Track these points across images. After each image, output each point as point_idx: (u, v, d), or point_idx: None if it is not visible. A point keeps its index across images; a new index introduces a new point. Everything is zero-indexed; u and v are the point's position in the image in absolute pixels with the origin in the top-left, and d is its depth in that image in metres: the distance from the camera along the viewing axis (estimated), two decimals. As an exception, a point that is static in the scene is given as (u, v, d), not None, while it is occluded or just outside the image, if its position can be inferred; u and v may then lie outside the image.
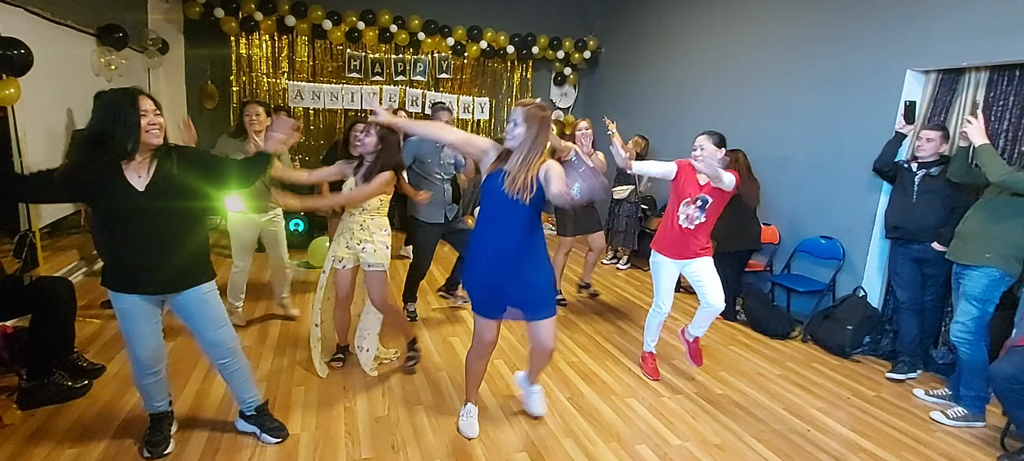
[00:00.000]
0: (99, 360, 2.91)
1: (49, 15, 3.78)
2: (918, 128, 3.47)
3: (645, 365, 3.25)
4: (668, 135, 5.82)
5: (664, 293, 3.08)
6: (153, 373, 2.16)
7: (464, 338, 3.59)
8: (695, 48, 5.57)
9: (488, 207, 2.26)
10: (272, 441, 2.34)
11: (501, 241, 2.22)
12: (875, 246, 3.78)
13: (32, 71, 3.23)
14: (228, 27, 5.99)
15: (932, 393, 3.12)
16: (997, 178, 2.65)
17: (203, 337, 2.19)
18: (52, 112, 3.84)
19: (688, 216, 2.94)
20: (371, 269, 2.79)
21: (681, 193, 2.97)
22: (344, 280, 2.88)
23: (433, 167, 3.59)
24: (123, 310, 2.04)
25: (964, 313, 2.82)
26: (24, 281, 2.95)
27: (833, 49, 4.06)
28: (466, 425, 2.52)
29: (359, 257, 2.81)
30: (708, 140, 2.91)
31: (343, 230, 2.84)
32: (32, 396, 2.50)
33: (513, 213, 2.16)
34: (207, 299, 2.15)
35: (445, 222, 3.67)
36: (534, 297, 2.28)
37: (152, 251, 1.99)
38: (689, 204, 2.94)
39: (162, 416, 2.27)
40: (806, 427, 2.76)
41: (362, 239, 2.78)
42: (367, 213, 2.79)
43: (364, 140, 2.71)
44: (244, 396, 2.34)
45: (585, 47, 7.38)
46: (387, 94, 6.75)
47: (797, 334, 3.97)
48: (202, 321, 2.16)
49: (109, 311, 3.66)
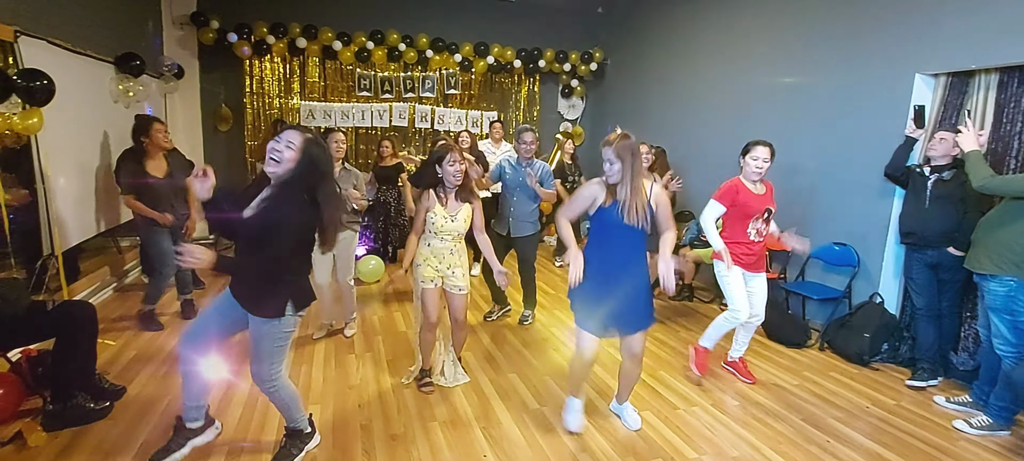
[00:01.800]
0: (119, 381, 2.96)
1: (70, 45, 3.91)
2: (929, 132, 3.45)
3: (698, 359, 3.24)
4: (676, 144, 5.81)
5: (741, 298, 3.07)
6: (188, 359, 2.16)
7: (477, 354, 3.60)
8: (702, 56, 5.59)
9: (601, 235, 2.45)
10: None
11: (612, 264, 2.41)
12: (890, 251, 3.75)
13: (53, 100, 3.33)
14: (240, 52, 6.12)
15: (953, 400, 3.07)
16: (977, 184, 2.71)
17: (251, 363, 2.22)
18: (74, 140, 3.95)
19: (757, 230, 3.02)
20: (460, 292, 2.91)
21: (746, 213, 3.01)
22: (433, 300, 2.91)
23: (510, 189, 3.94)
24: (217, 299, 2.23)
25: (995, 325, 2.76)
26: (47, 305, 3.02)
27: (841, 53, 4.06)
28: (571, 419, 2.70)
29: (446, 280, 2.89)
30: (767, 150, 3.01)
31: (431, 254, 2.88)
32: (56, 418, 2.54)
33: (626, 239, 2.39)
34: (260, 335, 2.14)
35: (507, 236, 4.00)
36: (636, 311, 2.48)
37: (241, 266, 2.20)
38: (757, 220, 3.00)
39: (185, 427, 2.31)
40: (825, 438, 2.72)
41: (452, 263, 2.88)
42: (457, 239, 2.87)
43: (458, 167, 2.81)
44: (287, 418, 2.38)
45: (591, 59, 7.43)
46: (396, 111, 6.84)
47: (813, 342, 3.93)
48: (253, 346, 2.17)
49: (129, 331, 3.73)
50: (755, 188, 3.02)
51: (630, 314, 2.47)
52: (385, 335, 3.87)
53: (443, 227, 2.83)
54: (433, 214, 2.83)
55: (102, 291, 4.49)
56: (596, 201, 2.42)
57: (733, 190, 3.02)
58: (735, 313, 3.09)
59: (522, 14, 7.25)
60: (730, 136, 4.99)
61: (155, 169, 3.74)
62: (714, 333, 3.21)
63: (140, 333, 3.74)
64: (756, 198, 3.00)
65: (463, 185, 2.87)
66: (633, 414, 2.79)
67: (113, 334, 3.68)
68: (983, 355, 2.99)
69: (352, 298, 3.79)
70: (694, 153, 5.54)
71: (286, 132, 2.03)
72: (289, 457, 2.35)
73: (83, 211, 4.05)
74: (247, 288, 2.13)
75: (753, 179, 3.02)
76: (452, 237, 2.86)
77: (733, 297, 3.09)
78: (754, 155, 2.99)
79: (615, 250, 2.41)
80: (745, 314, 3.08)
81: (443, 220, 2.82)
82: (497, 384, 3.17)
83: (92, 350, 2.73)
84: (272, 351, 2.18)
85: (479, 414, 2.83)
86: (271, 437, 2.55)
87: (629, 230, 2.36)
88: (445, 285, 2.92)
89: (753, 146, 3.03)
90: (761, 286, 3.16)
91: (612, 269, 2.41)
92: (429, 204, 2.84)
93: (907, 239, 3.31)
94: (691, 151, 5.58)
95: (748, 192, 3.01)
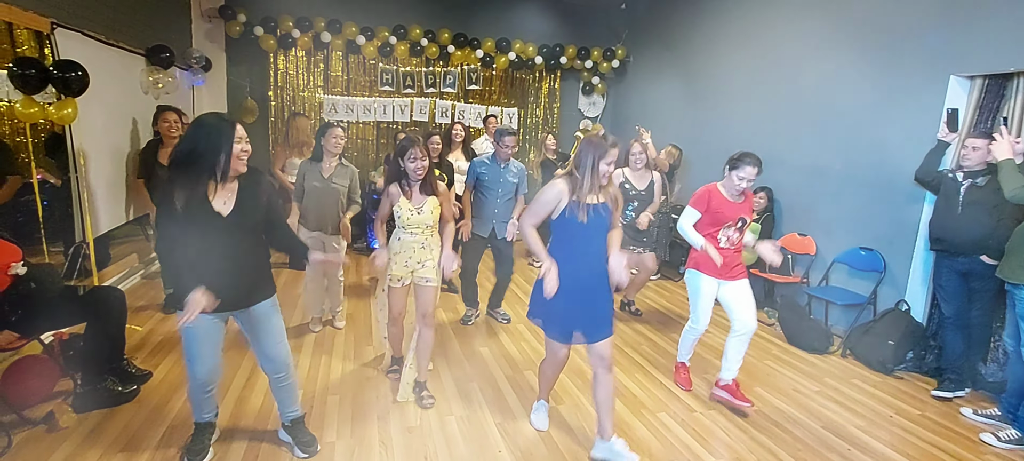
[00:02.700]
0: (146, 366, 3.05)
1: (103, 37, 4.01)
2: (962, 136, 3.34)
3: (678, 376, 3.23)
4: (699, 143, 5.75)
5: (703, 310, 3.01)
6: (208, 391, 2.26)
7: (494, 349, 3.61)
8: (726, 54, 5.50)
9: (567, 238, 2.33)
10: (302, 455, 2.39)
11: (580, 269, 2.32)
12: (918, 258, 3.65)
13: (87, 91, 3.43)
14: (267, 44, 6.22)
15: (981, 412, 2.99)
16: (1009, 194, 2.63)
17: (262, 351, 2.27)
18: (106, 130, 4.06)
19: (728, 238, 2.94)
20: (428, 283, 2.84)
21: (718, 220, 2.93)
22: (399, 298, 2.91)
23: (490, 189, 3.87)
24: (189, 330, 2.07)
25: None
26: (79, 291, 3.11)
27: (873, 52, 3.96)
28: (537, 418, 2.73)
29: (414, 274, 2.86)
30: (755, 169, 2.84)
31: (401, 249, 2.84)
32: (86, 400, 2.63)
33: (592, 241, 2.31)
34: (271, 314, 2.24)
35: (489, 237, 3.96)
36: (604, 317, 2.38)
37: (224, 272, 2.04)
38: (729, 227, 2.92)
39: (205, 426, 2.36)
40: (846, 446, 2.67)
41: (422, 258, 2.84)
42: (428, 232, 2.84)
43: (421, 163, 2.76)
44: (286, 409, 2.42)
45: (613, 56, 7.36)
46: (418, 106, 6.88)
47: (836, 349, 3.86)
48: (264, 335, 2.24)
49: (157, 317, 3.84)
50: (732, 196, 2.93)
51: (598, 320, 2.36)
52: (403, 328, 3.91)
53: (410, 220, 2.78)
54: (399, 208, 2.80)
55: (130, 277, 4.62)
56: (561, 203, 2.29)
57: (707, 196, 2.93)
58: (694, 324, 3.06)
59: (545, 10, 7.22)
60: (754, 136, 4.92)
61: (166, 158, 3.83)
62: (683, 347, 3.21)
63: (165, 319, 3.84)
64: (730, 206, 2.90)
65: (425, 180, 2.79)
66: (626, 451, 2.40)
67: (140, 319, 3.79)
68: (1011, 367, 2.90)
69: (339, 291, 3.87)
70: (717, 152, 5.44)
71: None
72: (314, 439, 2.43)
73: (114, 199, 4.16)
74: (245, 281, 2.13)
75: (733, 194, 2.91)
76: (420, 230, 2.82)
77: (696, 307, 3.02)
78: (741, 174, 2.81)
79: (580, 254, 2.31)
80: (703, 324, 3.01)
81: (409, 213, 2.78)
82: (513, 381, 3.18)
83: (121, 335, 2.81)
84: (282, 325, 2.30)
85: (495, 410, 2.85)
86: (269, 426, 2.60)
87: (591, 233, 2.28)
88: (414, 278, 2.87)
89: (741, 164, 2.81)
90: (742, 292, 2.94)
91: (580, 274, 2.31)
92: (394, 198, 2.81)
93: (937, 245, 3.22)
94: (713, 150, 5.50)
95: (722, 199, 2.92)
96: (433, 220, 2.83)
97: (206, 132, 1.96)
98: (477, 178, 3.88)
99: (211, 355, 2.17)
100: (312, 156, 3.59)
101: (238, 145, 2.01)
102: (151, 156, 3.83)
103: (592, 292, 2.33)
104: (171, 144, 3.86)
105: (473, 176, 3.90)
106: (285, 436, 2.46)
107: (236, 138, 2.00)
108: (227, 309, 2.14)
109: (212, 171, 1.96)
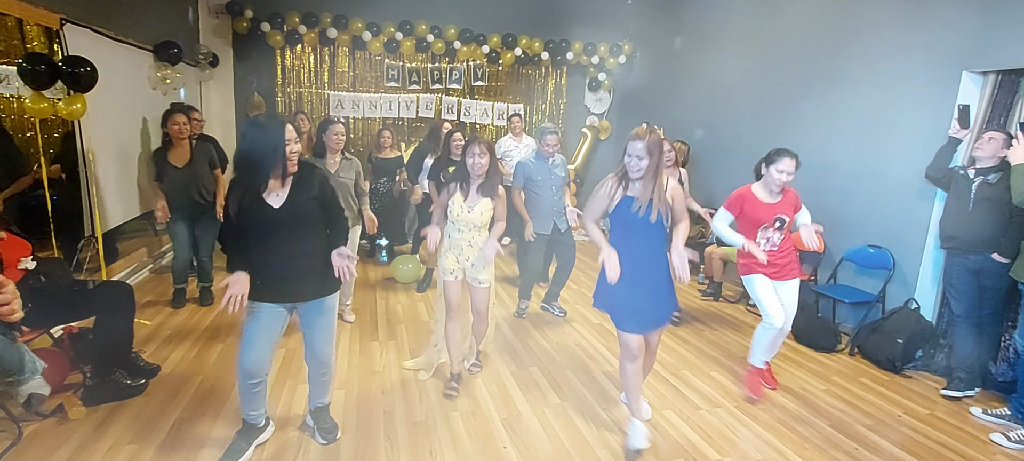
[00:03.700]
0: (155, 360, 3.07)
1: (112, 34, 4.04)
2: (974, 133, 3.30)
3: (750, 380, 3.11)
4: (707, 140, 5.71)
5: (772, 307, 2.93)
6: (254, 383, 2.23)
7: (499, 347, 3.61)
8: (734, 48, 5.45)
9: (623, 232, 2.40)
10: (322, 441, 2.43)
11: (638, 261, 2.37)
12: (929, 256, 3.61)
13: (96, 87, 3.45)
14: (273, 40, 6.23)
15: (991, 413, 2.95)
16: (1017, 199, 2.62)
17: (311, 347, 2.33)
18: (115, 125, 4.09)
19: (768, 239, 2.91)
20: (481, 285, 2.90)
21: (754, 222, 2.91)
22: (454, 290, 2.93)
23: (543, 186, 3.92)
24: (254, 312, 2.19)
25: None
26: (88, 285, 3.14)
27: (884, 47, 3.90)
28: (635, 439, 2.48)
29: (467, 274, 2.90)
30: (793, 162, 2.86)
31: (450, 246, 2.89)
32: (95, 393, 2.66)
33: (648, 234, 2.36)
34: (327, 311, 2.30)
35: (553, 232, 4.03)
36: (663, 307, 2.47)
37: (286, 262, 2.15)
38: (767, 229, 2.91)
39: (250, 427, 2.34)
40: (854, 445, 2.65)
41: (471, 256, 2.87)
42: (475, 232, 2.87)
43: (480, 160, 2.78)
44: (316, 398, 2.48)
45: (620, 52, 7.32)
46: (424, 102, 6.87)
47: (843, 347, 3.83)
48: (317, 331, 2.30)
49: (165, 311, 3.87)
50: (766, 197, 2.91)
51: (658, 310, 2.46)
52: (408, 323, 3.92)
53: (459, 217, 2.83)
54: (452, 203, 2.85)
55: (138, 272, 4.65)
56: (614, 199, 2.39)
57: (740, 199, 2.94)
58: (769, 320, 2.95)
59: (551, 5, 7.19)
60: (763, 131, 4.87)
61: (176, 158, 3.87)
62: (757, 349, 3.09)
63: (174, 314, 3.87)
64: (765, 207, 2.89)
65: (487, 181, 2.83)
66: (644, 404, 2.77)
67: (149, 314, 3.82)
68: (1021, 367, 2.87)
69: (350, 285, 3.92)
70: (725, 148, 5.43)
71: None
72: (336, 426, 2.49)
73: (122, 194, 4.19)
74: (310, 275, 2.20)
75: (774, 190, 2.90)
76: (468, 229, 2.85)
77: (764, 305, 2.97)
78: (780, 167, 2.83)
79: (639, 246, 2.38)
80: (780, 320, 2.93)
81: (459, 209, 2.82)
82: (519, 377, 3.18)
83: (129, 329, 2.84)
84: (335, 323, 2.37)
85: (500, 406, 2.85)
86: (298, 415, 2.62)
87: (650, 225, 2.33)
88: (467, 278, 2.93)
89: (779, 157, 2.84)
90: (789, 294, 3.01)
91: (638, 265, 2.37)
92: (452, 192, 2.86)
93: (948, 243, 3.19)
94: (722, 146, 5.47)
95: (756, 201, 2.91)
96: (483, 222, 2.86)
97: (262, 134, 2.06)
98: (527, 178, 3.92)
99: (264, 345, 2.20)
100: (314, 152, 3.59)
101: (288, 146, 2.08)
102: (162, 158, 3.85)
103: (652, 279, 2.40)
104: (181, 145, 3.88)
105: (522, 177, 3.93)
106: (310, 421, 2.53)
107: (287, 140, 2.08)
108: (288, 300, 2.22)
109: (269, 171, 2.07)
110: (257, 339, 2.18)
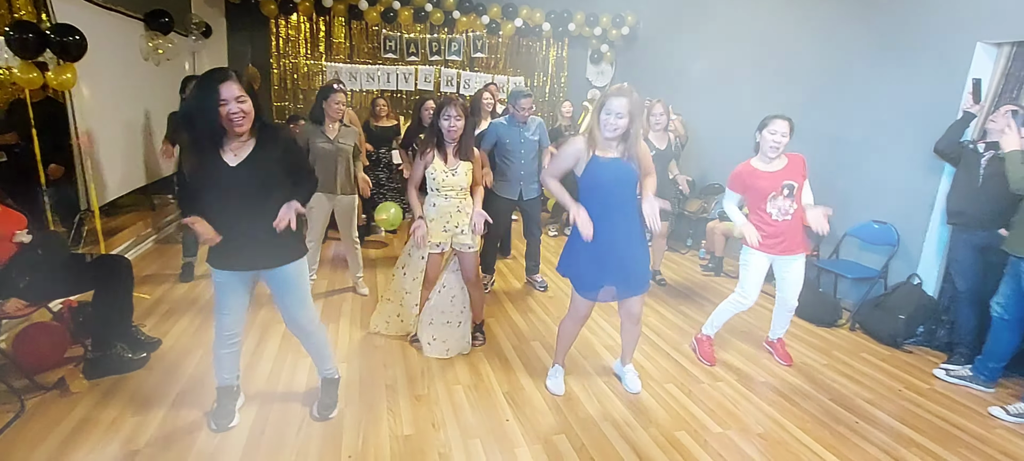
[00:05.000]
0: (155, 334, 3.06)
1: (101, 2, 3.92)
2: (987, 107, 3.24)
3: (701, 348, 3.18)
4: (712, 111, 5.62)
5: (751, 284, 2.94)
6: (231, 343, 2.26)
7: (501, 320, 3.61)
8: (739, 20, 5.33)
9: (593, 194, 2.33)
10: (315, 416, 2.42)
11: (608, 223, 2.31)
12: (933, 232, 3.59)
13: (86, 57, 3.36)
14: (267, 9, 6.08)
15: (952, 374, 3.01)
16: (1014, 186, 2.60)
17: (286, 315, 2.29)
18: (105, 96, 4.00)
19: (779, 208, 2.86)
20: (469, 249, 2.88)
21: (760, 193, 2.86)
22: (436, 264, 2.90)
23: (513, 151, 3.81)
24: (218, 282, 2.16)
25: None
26: (86, 258, 3.11)
27: (892, 18, 3.81)
28: (553, 384, 2.74)
29: (454, 239, 2.86)
30: (786, 124, 2.80)
31: (437, 215, 2.84)
32: (96, 366, 2.65)
33: (619, 196, 2.31)
34: (295, 277, 2.22)
35: (519, 199, 3.94)
36: (636, 274, 2.43)
37: (244, 227, 2.05)
38: (776, 197, 2.85)
39: (227, 390, 2.36)
40: (854, 419, 2.67)
41: (460, 222, 2.84)
42: (462, 194, 2.83)
43: (456, 123, 2.73)
44: (321, 369, 2.49)
45: (623, 23, 7.17)
46: (422, 74, 6.75)
47: (844, 322, 3.83)
48: (288, 298, 2.25)
49: (165, 285, 3.85)
50: (767, 166, 2.85)
51: (630, 276, 2.42)
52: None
53: (444, 182, 2.78)
54: (433, 169, 2.80)
55: (137, 246, 4.62)
56: (580, 159, 2.31)
57: (740, 176, 2.89)
58: (741, 297, 2.98)
59: (553, -26, 7.01)
60: (770, 103, 4.76)
61: None
62: (717, 319, 3.12)
63: (174, 288, 3.85)
64: (768, 176, 2.83)
65: (462, 143, 2.80)
66: (634, 378, 2.81)
67: (148, 288, 3.80)
68: (996, 332, 2.87)
69: (357, 256, 3.86)
70: (731, 120, 5.34)
71: None
72: (334, 405, 2.46)
73: (117, 167, 4.13)
74: (266, 243, 2.10)
75: (770, 155, 2.83)
76: (455, 193, 2.81)
77: (745, 281, 2.97)
78: (772, 129, 2.77)
79: (610, 208, 2.31)
80: (750, 301, 2.96)
81: (443, 174, 2.78)
82: (520, 351, 3.18)
83: (128, 302, 2.82)
84: (307, 289, 2.30)
85: (502, 379, 2.85)
86: (301, 388, 2.62)
87: (621, 186, 2.28)
88: (454, 243, 2.88)
89: (770, 120, 2.80)
90: (795, 271, 2.93)
91: (609, 229, 2.31)
92: (428, 160, 2.81)
93: (955, 219, 3.16)
94: (727, 119, 5.38)
95: (756, 172, 2.86)
96: (467, 183, 2.83)
97: (197, 90, 1.95)
98: (496, 142, 3.82)
99: (237, 308, 2.21)
100: (311, 118, 3.53)
101: (225, 107, 1.91)
102: (178, 123, 3.83)
103: (624, 247, 2.35)
104: None
105: (491, 140, 3.82)
106: (321, 390, 2.53)
107: (223, 100, 1.90)
108: (247, 267, 2.14)
109: (208, 127, 1.93)
110: (230, 306, 2.19)
